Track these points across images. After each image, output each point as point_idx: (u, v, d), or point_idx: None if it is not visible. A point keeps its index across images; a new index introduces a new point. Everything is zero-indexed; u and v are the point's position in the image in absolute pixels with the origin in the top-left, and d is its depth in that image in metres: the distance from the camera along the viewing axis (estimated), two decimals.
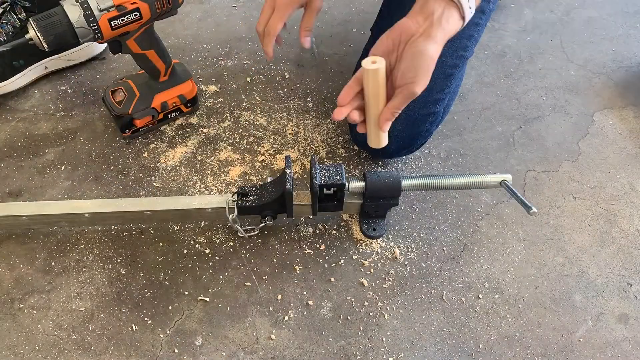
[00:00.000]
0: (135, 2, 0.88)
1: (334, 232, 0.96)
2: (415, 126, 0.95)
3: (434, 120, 0.97)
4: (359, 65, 1.21)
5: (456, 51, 0.93)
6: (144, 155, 1.05)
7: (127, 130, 1.05)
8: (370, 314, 0.87)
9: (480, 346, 0.84)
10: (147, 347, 0.82)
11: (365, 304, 0.88)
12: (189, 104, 1.09)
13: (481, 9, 0.95)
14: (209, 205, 0.89)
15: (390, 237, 0.95)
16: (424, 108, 0.93)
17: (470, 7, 0.72)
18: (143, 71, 1.04)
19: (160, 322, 0.85)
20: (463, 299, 0.89)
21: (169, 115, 1.09)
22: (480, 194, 1.01)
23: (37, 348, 0.82)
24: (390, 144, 0.94)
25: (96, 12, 0.85)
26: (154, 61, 0.99)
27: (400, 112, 0.76)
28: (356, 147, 1.07)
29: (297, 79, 1.19)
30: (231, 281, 0.89)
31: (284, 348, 0.83)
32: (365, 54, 1.05)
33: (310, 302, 0.87)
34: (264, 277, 0.90)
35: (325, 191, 0.88)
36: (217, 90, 1.16)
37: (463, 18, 0.72)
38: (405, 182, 0.89)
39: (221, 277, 0.90)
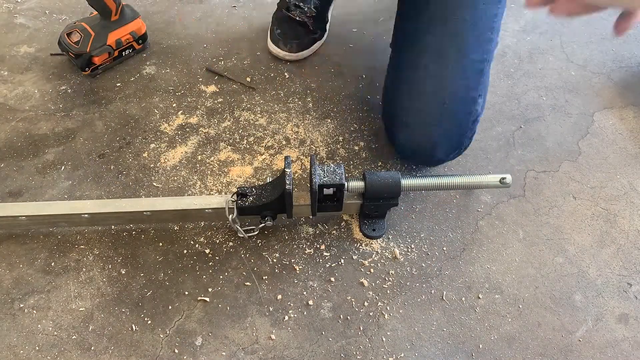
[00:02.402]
0: None
1: (334, 232, 0.96)
2: (460, 127, 0.94)
3: (475, 118, 0.96)
4: (359, 64, 1.21)
5: (482, 46, 0.93)
6: (144, 155, 1.05)
7: (87, 69, 1.15)
8: (370, 314, 0.87)
9: (480, 346, 0.84)
10: (147, 347, 0.82)
11: (365, 304, 0.88)
12: (140, 41, 1.21)
13: None
14: (208, 205, 0.89)
15: (390, 237, 0.95)
16: (464, 108, 0.92)
17: None
18: (95, 13, 1.14)
19: (160, 322, 0.85)
20: (463, 299, 0.89)
21: (123, 53, 1.19)
22: (480, 194, 1.01)
23: (37, 348, 0.82)
24: (439, 151, 0.95)
25: None
26: (106, 1, 1.10)
27: None
28: (356, 147, 1.07)
29: (297, 79, 1.19)
30: (231, 281, 0.89)
31: (284, 348, 0.83)
32: (393, 51, 1.04)
33: (310, 302, 0.87)
34: (264, 277, 0.90)
35: (325, 191, 0.88)
36: (217, 90, 1.16)
37: None
38: (404, 182, 0.89)
39: (221, 277, 0.90)
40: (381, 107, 1.06)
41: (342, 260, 0.92)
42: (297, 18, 1.18)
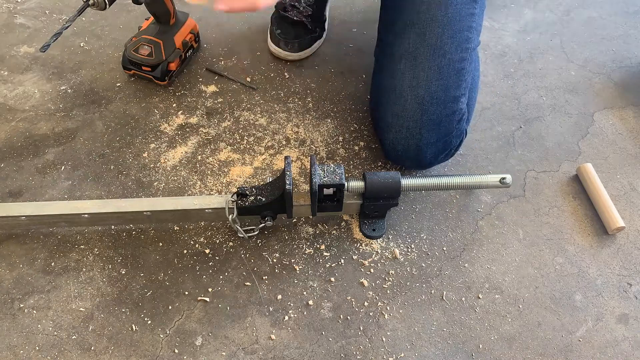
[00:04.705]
0: None
1: (334, 232, 0.96)
2: (441, 128, 0.93)
3: (461, 118, 0.94)
4: (359, 64, 1.21)
5: (459, 45, 0.93)
6: (144, 155, 1.05)
7: (165, 78, 1.12)
8: (370, 314, 0.87)
9: (480, 346, 0.84)
10: (147, 347, 0.82)
11: (365, 304, 0.88)
12: (197, 39, 1.21)
13: None
14: (208, 205, 0.89)
15: (390, 237, 0.95)
16: (445, 108, 0.92)
17: None
18: (147, 24, 1.14)
19: (160, 322, 0.85)
20: (463, 299, 0.89)
21: (187, 53, 1.18)
22: (480, 194, 1.01)
23: (37, 348, 0.82)
24: (425, 153, 0.95)
25: None
26: (167, 4, 1.08)
27: None
28: (356, 147, 1.07)
29: (297, 79, 1.19)
30: (231, 281, 0.89)
31: (284, 348, 0.83)
32: (378, 54, 1.04)
33: (310, 302, 0.87)
34: (264, 277, 0.90)
35: (325, 191, 0.88)
36: (217, 90, 1.16)
37: None
38: (404, 182, 0.89)
39: (221, 277, 0.90)
40: (370, 115, 1.07)
41: (342, 260, 0.92)
42: (295, 18, 1.18)
